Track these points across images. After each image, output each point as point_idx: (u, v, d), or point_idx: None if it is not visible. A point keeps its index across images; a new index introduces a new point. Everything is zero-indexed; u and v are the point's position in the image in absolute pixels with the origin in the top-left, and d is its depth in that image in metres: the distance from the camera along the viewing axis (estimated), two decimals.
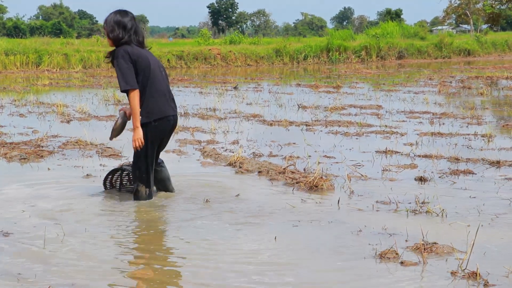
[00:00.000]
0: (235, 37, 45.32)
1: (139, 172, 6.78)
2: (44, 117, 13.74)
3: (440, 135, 10.93)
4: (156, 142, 6.74)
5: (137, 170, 6.79)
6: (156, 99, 6.62)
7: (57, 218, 6.17)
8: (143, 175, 6.79)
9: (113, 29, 6.59)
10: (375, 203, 6.67)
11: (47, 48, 32.07)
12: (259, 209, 6.51)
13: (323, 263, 4.96)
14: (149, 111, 6.61)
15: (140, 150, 6.67)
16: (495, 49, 47.57)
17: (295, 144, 10.21)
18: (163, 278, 4.68)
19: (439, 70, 29.82)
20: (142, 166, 6.75)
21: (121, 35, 6.57)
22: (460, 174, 7.98)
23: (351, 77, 25.88)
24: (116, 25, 6.59)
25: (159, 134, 6.72)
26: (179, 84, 22.70)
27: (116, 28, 6.58)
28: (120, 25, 6.58)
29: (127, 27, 6.59)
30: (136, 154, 6.74)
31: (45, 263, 4.94)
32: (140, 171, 6.77)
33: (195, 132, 11.60)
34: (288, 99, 17.31)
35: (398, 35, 43.80)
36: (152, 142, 6.70)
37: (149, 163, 6.76)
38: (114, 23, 6.59)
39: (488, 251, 5.12)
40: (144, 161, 6.73)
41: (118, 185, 7.35)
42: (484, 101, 16.37)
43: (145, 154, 6.70)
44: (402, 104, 15.72)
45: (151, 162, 6.79)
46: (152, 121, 6.61)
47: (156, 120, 6.63)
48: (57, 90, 20.58)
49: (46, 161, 9.05)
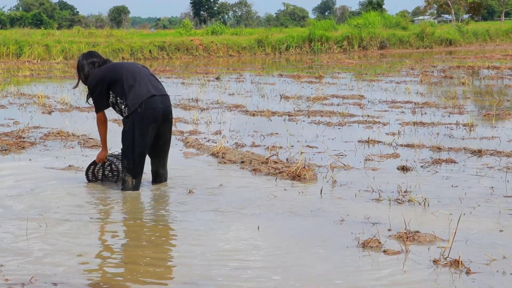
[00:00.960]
0: (217, 27, 45.20)
1: (126, 162, 6.79)
2: (25, 108, 13.66)
3: (422, 124, 10.97)
4: (145, 131, 6.71)
5: (125, 160, 6.80)
6: (136, 87, 6.70)
7: (40, 209, 6.14)
8: (130, 165, 6.77)
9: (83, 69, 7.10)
10: (357, 193, 6.68)
11: (28, 39, 31.86)
12: (242, 199, 6.52)
13: (306, 252, 4.97)
14: (132, 99, 6.63)
15: (128, 140, 6.69)
16: (476, 38, 47.75)
17: (278, 134, 10.21)
18: (146, 268, 4.67)
19: (420, 60, 29.91)
20: (129, 156, 6.74)
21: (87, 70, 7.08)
22: (442, 163, 8.01)
23: (333, 67, 25.91)
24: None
25: (146, 121, 6.69)
26: (161, 75, 22.62)
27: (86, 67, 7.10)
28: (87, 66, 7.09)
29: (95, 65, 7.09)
30: (124, 143, 6.76)
31: (27, 255, 4.92)
32: (127, 161, 6.77)
33: (178, 122, 11.57)
34: (270, 89, 17.30)
35: (380, 25, 43.85)
36: (141, 131, 6.68)
37: (137, 154, 6.73)
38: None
39: (470, 240, 5.15)
40: (131, 151, 6.71)
41: (100, 175, 7.33)
42: (466, 90, 16.44)
43: (132, 144, 6.68)
44: (384, 94, 15.76)
45: (140, 153, 6.75)
46: (137, 107, 6.62)
47: (140, 105, 6.64)
48: (38, 81, 20.46)
49: (27, 152, 9.00)
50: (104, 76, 6.82)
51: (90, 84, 6.89)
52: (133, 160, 6.74)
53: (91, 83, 6.87)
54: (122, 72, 6.78)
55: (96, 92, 6.84)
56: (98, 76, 6.85)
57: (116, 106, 6.84)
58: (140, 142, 6.72)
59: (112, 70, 6.86)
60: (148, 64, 29.00)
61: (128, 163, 6.77)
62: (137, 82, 6.72)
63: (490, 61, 26.12)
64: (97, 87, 6.81)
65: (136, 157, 6.74)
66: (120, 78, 6.75)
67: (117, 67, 6.92)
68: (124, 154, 6.81)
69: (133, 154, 6.72)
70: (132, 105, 6.65)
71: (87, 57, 7.08)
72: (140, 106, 6.65)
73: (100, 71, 6.89)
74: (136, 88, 6.69)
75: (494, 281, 4.32)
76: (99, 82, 6.81)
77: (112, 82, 6.77)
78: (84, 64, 7.02)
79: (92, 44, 31.88)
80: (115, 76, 6.78)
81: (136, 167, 6.78)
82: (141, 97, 6.68)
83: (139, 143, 6.72)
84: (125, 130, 6.74)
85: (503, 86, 17.55)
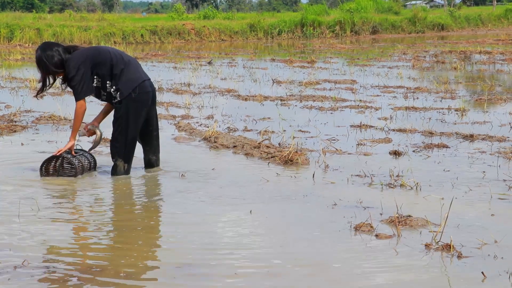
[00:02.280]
0: (209, 12, 45.01)
1: (118, 146, 6.73)
2: (16, 92, 13.61)
3: (414, 109, 10.98)
4: (138, 116, 6.69)
5: (117, 145, 6.73)
6: (126, 71, 6.64)
7: (32, 193, 6.14)
8: (122, 150, 6.73)
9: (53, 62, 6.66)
10: (350, 177, 6.70)
11: (19, 22, 31.68)
12: (235, 183, 6.52)
13: (298, 236, 4.98)
14: (125, 83, 6.59)
15: (121, 125, 6.64)
16: (468, 23, 47.70)
17: (270, 119, 10.21)
18: (139, 251, 4.68)
19: (413, 44, 29.90)
20: (121, 140, 6.69)
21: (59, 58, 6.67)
22: (434, 148, 8.03)
23: (326, 52, 25.88)
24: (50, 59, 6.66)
25: (140, 106, 6.68)
26: (153, 59, 22.56)
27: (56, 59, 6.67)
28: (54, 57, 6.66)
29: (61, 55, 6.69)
30: (117, 129, 6.69)
31: (19, 238, 4.92)
32: (120, 145, 6.71)
33: (170, 107, 11.56)
34: (262, 74, 17.28)
35: (372, 10, 43.74)
36: (135, 116, 6.66)
37: (130, 138, 6.70)
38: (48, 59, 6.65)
39: (461, 224, 5.17)
40: (124, 136, 6.68)
41: (58, 171, 6.87)
42: (458, 75, 16.45)
43: (125, 129, 6.66)
44: (377, 78, 15.75)
45: (133, 138, 6.73)
46: (131, 92, 6.60)
47: (134, 89, 6.61)
48: (30, 65, 20.34)
49: (19, 136, 8.98)
50: (89, 57, 6.59)
51: (72, 67, 6.54)
52: (126, 145, 6.71)
53: (73, 66, 6.53)
54: (110, 55, 6.65)
55: (80, 75, 6.52)
56: (82, 57, 6.58)
57: (102, 90, 6.67)
58: (134, 127, 6.69)
59: (97, 52, 6.68)
60: (140, 48, 28.93)
61: (120, 148, 6.73)
62: (127, 66, 6.66)
63: (482, 46, 26.13)
64: (81, 69, 6.52)
65: (129, 142, 6.72)
66: (108, 60, 6.60)
67: (102, 50, 6.77)
68: (116, 139, 6.72)
69: (126, 139, 6.69)
70: (125, 89, 6.60)
71: (47, 47, 6.67)
72: (134, 90, 6.62)
73: (82, 52, 6.64)
74: (128, 72, 6.63)
75: (485, 265, 4.34)
76: (83, 64, 6.53)
77: (97, 65, 6.58)
78: (48, 54, 6.59)
79: (83, 28, 31.74)
80: (102, 58, 6.60)
81: (129, 151, 6.76)
82: (135, 82, 6.64)
83: (132, 128, 6.69)
84: (119, 115, 6.66)
85: (494, 71, 17.57)
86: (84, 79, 6.55)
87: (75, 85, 6.55)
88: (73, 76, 6.54)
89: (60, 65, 6.63)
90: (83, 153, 6.99)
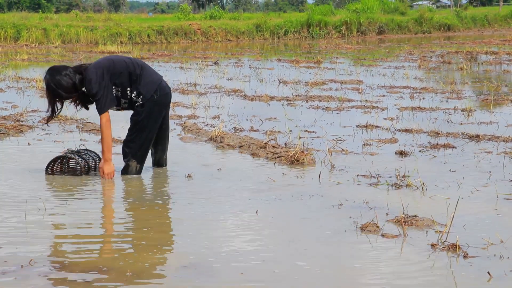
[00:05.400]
0: (215, 12, 45.05)
1: (133, 148, 6.74)
2: (23, 92, 13.65)
3: (421, 109, 10.98)
4: (159, 116, 6.75)
5: (132, 146, 6.74)
6: (145, 75, 6.68)
7: (39, 193, 6.15)
8: (138, 151, 6.75)
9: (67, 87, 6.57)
10: (356, 177, 6.70)
11: (26, 22, 31.76)
12: (241, 184, 6.53)
13: (304, 236, 4.98)
14: (145, 86, 6.63)
15: (141, 127, 6.66)
16: (475, 24, 47.63)
17: (276, 119, 10.22)
18: (145, 252, 4.69)
19: (419, 45, 29.87)
20: (138, 142, 6.71)
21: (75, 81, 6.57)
22: (440, 148, 8.03)
23: (332, 52, 25.88)
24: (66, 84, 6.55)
25: (162, 107, 6.77)
26: (159, 59, 22.60)
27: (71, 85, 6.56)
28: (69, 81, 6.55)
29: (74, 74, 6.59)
30: (135, 132, 6.69)
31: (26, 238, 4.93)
32: (135, 147, 6.73)
33: (176, 107, 11.58)
34: (268, 74, 17.29)
35: (379, 10, 43.71)
36: (156, 117, 6.71)
37: (148, 140, 6.73)
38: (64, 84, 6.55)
39: (467, 224, 5.17)
40: (142, 138, 6.69)
41: (64, 170, 6.94)
42: (464, 75, 16.43)
43: (144, 130, 6.67)
44: (383, 79, 15.75)
45: (150, 139, 6.76)
46: (153, 94, 6.65)
47: (155, 91, 6.67)
48: (36, 65, 20.42)
49: (26, 136, 9.01)
50: (105, 69, 6.52)
51: (94, 83, 6.45)
52: (142, 146, 6.73)
53: (94, 82, 6.45)
54: (126, 63, 6.65)
55: (102, 89, 6.46)
56: (99, 71, 6.50)
57: (123, 99, 6.64)
58: (152, 128, 6.73)
59: (111, 63, 6.61)
60: (146, 48, 28.98)
61: (135, 149, 6.73)
62: (143, 69, 6.68)
63: (489, 46, 26.09)
64: (102, 83, 6.46)
65: (145, 143, 6.74)
66: (125, 68, 6.59)
67: (117, 59, 6.70)
68: (131, 141, 6.72)
69: (143, 141, 6.71)
70: (147, 92, 6.63)
71: (56, 72, 6.53)
72: (155, 92, 6.66)
73: (98, 67, 6.54)
74: (146, 75, 6.66)
75: (491, 265, 4.34)
76: (102, 77, 6.48)
77: (115, 75, 6.55)
78: (58, 79, 6.49)
79: (90, 28, 31.82)
80: (118, 68, 6.57)
81: (143, 153, 6.79)
82: (155, 84, 6.69)
83: (151, 129, 6.72)
84: (141, 118, 6.65)
85: (501, 72, 17.55)
86: (107, 92, 6.51)
87: (100, 99, 6.49)
88: (96, 91, 6.48)
89: (73, 88, 6.56)
90: (87, 152, 7.01)
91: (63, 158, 6.91)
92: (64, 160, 6.91)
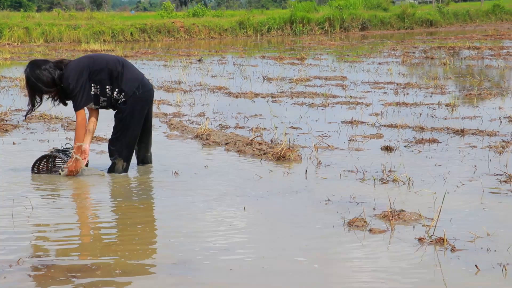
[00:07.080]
0: (198, 9, 44.95)
1: (119, 146, 6.73)
2: (6, 91, 13.59)
3: (405, 105, 11.02)
4: (142, 113, 6.75)
5: (117, 144, 6.73)
6: (126, 72, 6.67)
7: (25, 192, 6.14)
8: (124, 150, 6.75)
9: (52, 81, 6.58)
10: (342, 173, 6.72)
11: (7, 21, 31.59)
12: (228, 180, 6.54)
13: (292, 232, 5.00)
14: (127, 83, 6.62)
15: (125, 125, 6.64)
16: (457, 19, 47.78)
17: (262, 116, 10.23)
18: (134, 249, 4.68)
19: (402, 41, 29.95)
20: (124, 139, 6.71)
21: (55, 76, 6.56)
22: (425, 143, 8.07)
23: (315, 49, 25.91)
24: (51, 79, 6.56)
25: (145, 104, 6.76)
26: (142, 57, 22.54)
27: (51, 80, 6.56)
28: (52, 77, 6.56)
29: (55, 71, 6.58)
30: (120, 129, 6.69)
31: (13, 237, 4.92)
32: (121, 144, 6.72)
33: (161, 104, 11.57)
34: (253, 71, 17.29)
35: (361, 6, 43.77)
36: (139, 114, 6.71)
37: (132, 137, 6.73)
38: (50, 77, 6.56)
39: (454, 218, 5.21)
40: (126, 136, 6.69)
41: (51, 169, 6.94)
42: (447, 71, 16.50)
43: (128, 127, 6.67)
44: (367, 75, 15.79)
45: (135, 136, 6.76)
46: (135, 90, 6.64)
47: (137, 88, 6.66)
48: (19, 64, 20.30)
49: (11, 135, 8.97)
50: (85, 67, 6.52)
51: (71, 79, 6.46)
52: (128, 144, 6.73)
53: (72, 78, 6.45)
54: (105, 60, 6.66)
55: (79, 86, 6.46)
56: (79, 68, 6.50)
57: (102, 97, 6.63)
58: (136, 126, 6.73)
59: (91, 60, 6.62)
60: (129, 46, 28.89)
61: (121, 147, 6.73)
62: (124, 67, 6.67)
63: (471, 41, 26.21)
64: (79, 80, 6.46)
65: (131, 141, 6.74)
66: (105, 65, 6.58)
67: (96, 57, 6.75)
68: (117, 139, 6.72)
69: (129, 138, 6.72)
70: (129, 89, 6.62)
71: (36, 66, 6.53)
72: (137, 89, 6.65)
73: (78, 64, 6.54)
74: (127, 73, 6.66)
75: (479, 258, 4.37)
76: (81, 74, 6.47)
77: (94, 72, 6.54)
78: (37, 73, 6.49)
79: (73, 27, 31.68)
80: (98, 65, 6.57)
81: (129, 150, 6.79)
82: (137, 80, 6.68)
83: (135, 127, 6.72)
84: (124, 115, 6.65)
85: (483, 66, 17.63)
86: (84, 89, 6.50)
87: (76, 95, 6.49)
88: (73, 87, 6.48)
89: (52, 83, 6.55)
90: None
91: (49, 157, 6.90)
92: (50, 159, 6.91)
